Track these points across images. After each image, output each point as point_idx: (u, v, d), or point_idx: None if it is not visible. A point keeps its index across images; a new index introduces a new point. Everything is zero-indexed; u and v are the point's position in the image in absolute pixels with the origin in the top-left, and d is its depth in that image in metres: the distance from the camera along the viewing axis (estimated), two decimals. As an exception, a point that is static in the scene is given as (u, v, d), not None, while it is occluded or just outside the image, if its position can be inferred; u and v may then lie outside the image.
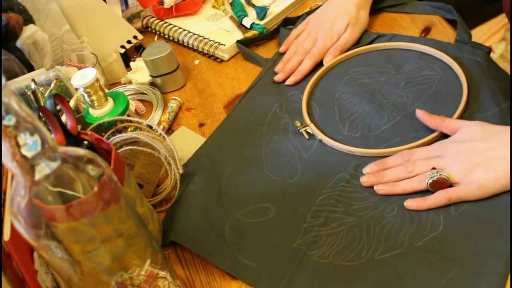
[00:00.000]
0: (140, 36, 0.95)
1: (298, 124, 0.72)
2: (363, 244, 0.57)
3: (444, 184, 0.58)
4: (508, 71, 0.73)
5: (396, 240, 0.56)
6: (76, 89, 0.72)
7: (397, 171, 0.62)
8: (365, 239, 0.57)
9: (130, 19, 1.03)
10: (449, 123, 0.63)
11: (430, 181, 0.58)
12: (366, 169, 0.64)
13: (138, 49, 0.98)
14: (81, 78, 0.65)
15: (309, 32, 0.86)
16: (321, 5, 0.94)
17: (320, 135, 0.70)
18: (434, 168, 0.59)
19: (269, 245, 0.59)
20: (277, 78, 0.82)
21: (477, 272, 0.51)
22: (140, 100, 0.88)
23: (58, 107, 0.60)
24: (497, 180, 0.56)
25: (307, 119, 0.73)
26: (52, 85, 0.71)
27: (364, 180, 0.63)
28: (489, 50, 0.74)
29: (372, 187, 0.62)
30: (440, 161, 0.60)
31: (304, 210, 0.62)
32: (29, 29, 0.80)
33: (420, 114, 0.67)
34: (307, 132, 0.71)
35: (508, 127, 0.58)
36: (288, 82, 0.81)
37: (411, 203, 0.59)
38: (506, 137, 0.57)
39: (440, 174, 0.58)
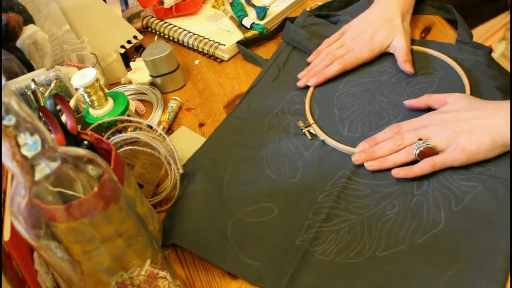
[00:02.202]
0: (140, 36, 0.95)
1: (301, 124, 0.72)
2: (365, 241, 0.57)
3: (431, 153, 0.60)
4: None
5: (397, 237, 0.57)
6: (76, 89, 0.72)
7: (386, 145, 0.64)
8: (366, 236, 0.58)
9: (130, 19, 1.03)
10: (437, 97, 0.67)
11: (418, 151, 0.61)
12: (359, 147, 0.66)
13: (138, 49, 0.98)
14: (81, 78, 0.65)
15: (343, 42, 0.81)
16: (321, 5, 0.94)
17: (323, 136, 0.70)
18: (420, 139, 0.61)
19: (272, 244, 0.60)
20: (299, 83, 0.79)
21: (479, 268, 0.52)
22: (140, 100, 0.88)
23: (58, 107, 0.60)
24: (479, 146, 0.59)
25: (310, 119, 0.73)
26: (52, 85, 0.71)
27: (356, 159, 0.65)
28: (490, 50, 0.74)
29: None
30: (426, 130, 0.62)
31: (306, 208, 0.62)
32: (29, 29, 0.80)
33: (408, 102, 0.70)
34: (310, 133, 0.71)
35: (492, 101, 0.62)
36: (310, 82, 0.78)
37: (398, 171, 0.62)
38: (490, 108, 0.60)
39: (426, 144, 0.60)
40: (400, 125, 0.66)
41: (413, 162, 0.62)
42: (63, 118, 0.62)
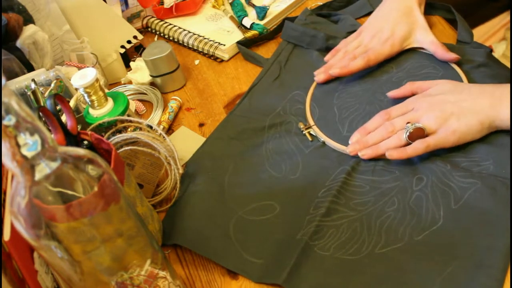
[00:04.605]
0: (140, 36, 0.95)
1: (302, 126, 0.72)
2: (364, 238, 0.57)
3: (421, 134, 0.62)
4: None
5: (396, 235, 0.57)
6: (76, 89, 0.72)
7: (378, 133, 0.65)
8: (365, 233, 0.58)
9: (130, 19, 1.03)
10: (420, 84, 0.68)
11: (407, 134, 0.62)
12: (352, 138, 0.67)
13: (138, 49, 0.98)
14: (81, 78, 0.65)
15: (361, 41, 0.79)
16: (321, 5, 0.94)
17: (323, 137, 0.70)
18: (408, 122, 0.63)
19: (275, 241, 0.60)
20: (318, 78, 0.77)
21: (477, 265, 0.52)
22: (140, 100, 0.88)
23: (58, 107, 0.60)
24: (469, 128, 0.61)
25: (310, 121, 0.73)
26: (52, 85, 0.71)
27: (351, 150, 0.66)
28: (490, 50, 0.75)
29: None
30: (415, 113, 0.64)
31: (307, 203, 0.62)
32: (29, 29, 0.80)
33: (391, 94, 0.70)
34: (310, 134, 0.71)
35: (476, 85, 0.65)
36: (332, 72, 0.76)
37: (392, 152, 0.62)
38: (475, 91, 0.63)
39: (415, 126, 0.62)
40: (389, 112, 0.66)
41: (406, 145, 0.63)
42: (63, 118, 0.62)
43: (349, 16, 0.88)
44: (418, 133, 0.62)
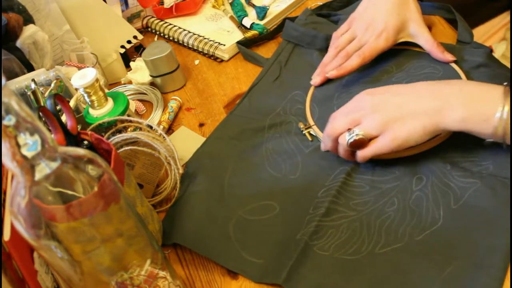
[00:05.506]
0: (140, 36, 0.95)
1: (302, 126, 0.72)
2: (364, 238, 0.57)
3: (363, 143, 0.59)
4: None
5: (396, 234, 0.57)
6: (76, 89, 0.72)
7: (324, 140, 0.64)
8: (365, 233, 0.58)
9: (130, 19, 1.03)
10: None
11: (351, 140, 0.59)
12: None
13: (138, 49, 0.98)
14: (81, 78, 0.65)
15: (353, 33, 0.76)
16: (321, 5, 0.94)
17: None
18: (349, 129, 0.60)
19: (274, 241, 0.60)
20: (314, 81, 0.77)
21: (477, 265, 0.52)
22: (140, 100, 0.88)
23: (58, 107, 0.60)
24: (410, 134, 0.57)
25: (310, 121, 0.73)
26: (52, 85, 0.71)
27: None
28: (490, 50, 0.74)
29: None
30: (358, 114, 0.60)
31: (307, 203, 0.62)
32: (29, 29, 0.80)
33: None
34: (310, 134, 0.71)
35: (429, 83, 0.60)
36: (328, 75, 0.75)
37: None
38: (424, 91, 0.58)
39: (356, 135, 0.59)
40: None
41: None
42: (63, 118, 0.62)
43: (348, 16, 0.88)
44: (360, 142, 0.59)
